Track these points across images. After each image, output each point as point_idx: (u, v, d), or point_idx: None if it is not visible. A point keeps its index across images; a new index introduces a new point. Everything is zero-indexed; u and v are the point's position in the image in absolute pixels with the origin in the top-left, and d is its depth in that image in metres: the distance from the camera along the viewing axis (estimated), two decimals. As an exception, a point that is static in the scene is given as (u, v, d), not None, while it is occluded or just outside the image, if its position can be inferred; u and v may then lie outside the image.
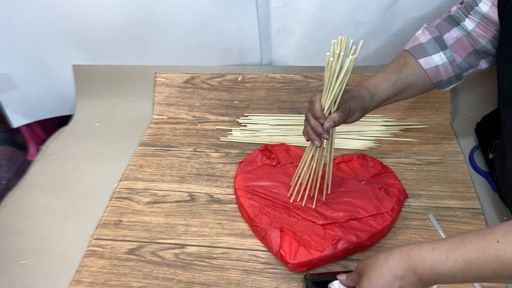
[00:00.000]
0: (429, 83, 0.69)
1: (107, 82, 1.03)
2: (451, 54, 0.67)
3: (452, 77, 0.69)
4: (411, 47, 0.68)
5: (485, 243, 0.42)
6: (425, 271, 0.46)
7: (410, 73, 0.67)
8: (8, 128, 1.06)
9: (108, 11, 0.91)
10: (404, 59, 0.69)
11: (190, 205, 0.78)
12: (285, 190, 0.75)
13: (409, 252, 0.47)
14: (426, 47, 0.67)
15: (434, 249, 0.46)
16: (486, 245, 0.42)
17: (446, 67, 0.67)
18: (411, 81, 0.67)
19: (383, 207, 0.69)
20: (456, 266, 0.44)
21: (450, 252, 0.44)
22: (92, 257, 0.70)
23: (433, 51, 0.67)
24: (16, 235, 0.75)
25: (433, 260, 0.45)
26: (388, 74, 0.67)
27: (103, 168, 0.88)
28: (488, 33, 0.64)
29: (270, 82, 0.98)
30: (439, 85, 0.70)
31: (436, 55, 0.66)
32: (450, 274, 0.44)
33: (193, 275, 0.66)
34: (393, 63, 0.69)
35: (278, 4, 0.87)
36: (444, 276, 0.45)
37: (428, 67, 0.67)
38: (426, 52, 0.67)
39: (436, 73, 0.68)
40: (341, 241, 0.64)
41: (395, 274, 0.47)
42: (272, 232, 0.66)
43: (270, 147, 0.83)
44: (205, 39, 0.95)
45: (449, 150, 0.84)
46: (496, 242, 0.42)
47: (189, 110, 1.00)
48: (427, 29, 0.68)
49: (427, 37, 0.67)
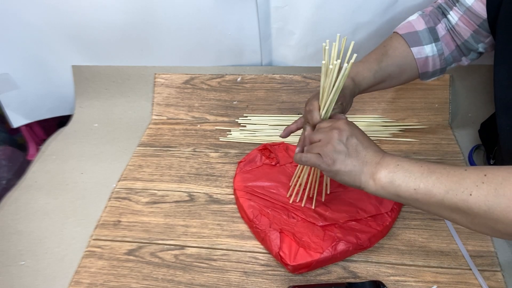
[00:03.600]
0: (415, 72, 0.69)
1: (107, 82, 1.03)
2: (441, 47, 0.67)
3: (437, 70, 0.69)
4: (406, 33, 0.67)
5: (454, 167, 0.47)
6: (391, 160, 0.51)
7: (390, 63, 0.67)
8: (8, 128, 1.06)
9: (108, 12, 0.90)
10: (386, 48, 0.68)
11: (189, 206, 0.77)
12: (284, 190, 0.75)
13: (390, 153, 0.53)
14: (420, 36, 0.66)
15: (406, 157, 0.54)
16: (454, 168, 0.46)
17: (435, 60, 0.67)
18: (391, 71, 0.67)
19: (382, 207, 0.69)
20: (419, 169, 0.48)
21: (422, 162, 0.50)
22: (91, 258, 0.70)
23: (427, 41, 0.66)
24: (15, 236, 0.75)
25: (403, 159, 0.51)
26: (370, 64, 0.67)
27: (102, 169, 0.88)
28: (470, 27, 0.64)
29: (270, 83, 0.98)
30: (424, 76, 0.70)
31: (428, 46, 0.66)
32: (409, 171, 0.49)
33: (193, 276, 0.66)
34: (376, 51, 0.69)
35: (278, 4, 0.87)
36: (403, 169, 0.49)
37: (419, 57, 0.67)
38: (420, 41, 0.66)
39: (424, 64, 0.67)
40: (341, 243, 0.64)
41: (367, 147, 0.53)
42: (272, 234, 0.66)
43: (269, 147, 0.83)
44: (205, 40, 0.95)
45: (448, 150, 0.84)
46: (464, 169, 0.46)
47: (188, 110, 1.00)
48: (423, 17, 0.68)
49: (422, 26, 0.67)
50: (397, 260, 0.65)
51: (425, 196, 0.47)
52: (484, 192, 0.43)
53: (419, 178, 0.48)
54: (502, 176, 0.43)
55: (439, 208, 0.47)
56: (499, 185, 0.42)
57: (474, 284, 0.61)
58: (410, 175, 0.48)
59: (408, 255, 0.66)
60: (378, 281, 0.60)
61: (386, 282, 0.61)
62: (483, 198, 0.43)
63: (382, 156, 0.52)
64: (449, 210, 0.46)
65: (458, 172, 0.46)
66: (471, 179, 0.44)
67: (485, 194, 0.43)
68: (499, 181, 0.42)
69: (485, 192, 0.43)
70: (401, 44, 0.67)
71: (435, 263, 0.64)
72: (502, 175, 0.43)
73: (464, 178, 0.45)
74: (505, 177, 0.42)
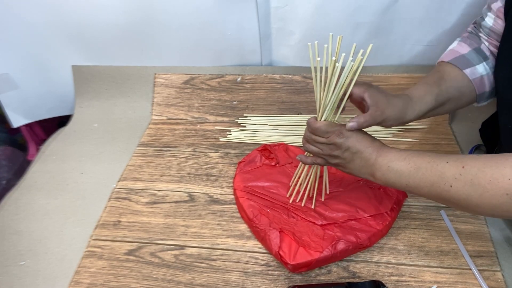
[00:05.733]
0: (473, 95, 0.67)
1: (106, 83, 1.03)
2: (493, 64, 0.65)
3: (494, 88, 0.67)
4: (453, 59, 0.66)
5: (437, 160, 0.52)
6: (382, 162, 0.56)
7: (449, 86, 0.65)
8: (8, 128, 1.06)
9: (108, 11, 0.91)
10: (440, 73, 0.67)
11: (189, 206, 0.77)
12: (284, 190, 0.75)
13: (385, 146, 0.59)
14: (468, 58, 0.66)
15: (400, 151, 0.57)
16: (437, 161, 0.51)
17: (490, 77, 0.66)
18: (451, 95, 0.65)
19: (382, 207, 0.69)
20: (407, 167, 0.54)
21: (409, 156, 0.55)
22: (91, 258, 0.70)
23: (476, 61, 0.65)
24: (15, 236, 0.75)
25: (393, 156, 0.56)
26: (430, 87, 0.65)
27: (102, 169, 0.88)
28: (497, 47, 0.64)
29: (270, 83, 0.98)
30: (481, 97, 0.68)
31: (480, 65, 0.65)
32: (399, 172, 0.55)
33: (192, 276, 0.66)
34: (431, 76, 0.67)
35: (278, 4, 0.87)
36: (393, 171, 0.55)
37: (474, 77, 0.65)
38: (470, 63, 0.65)
39: (481, 84, 0.66)
40: (341, 242, 0.64)
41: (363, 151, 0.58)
42: (272, 233, 0.66)
43: (269, 147, 0.83)
44: (205, 40, 0.95)
45: (448, 150, 0.84)
46: (445, 162, 0.51)
47: (188, 110, 1.00)
48: (464, 41, 0.68)
49: (467, 49, 0.66)
50: (397, 260, 0.65)
51: (415, 190, 0.54)
52: (461, 183, 0.48)
53: (408, 176, 0.54)
54: (478, 166, 0.47)
55: (429, 197, 0.54)
56: (475, 175, 0.47)
57: (474, 284, 0.61)
58: (400, 175, 0.55)
59: (408, 255, 0.66)
60: (378, 281, 0.60)
61: (386, 282, 0.61)
62: (461, 188, 0.48)
63: (375, 157, 0.57)
64: (438, 199, 0.53)
65: (440, 165, 0.51)
66: (451, 172, 0.49)
67: (462, 185, 0.48)
68: (474, 172, 0.47)
69: (462, 183, 0.48)
70: (453, 69, 0.66)
71: (435, 263, 0.64)
72: (477, 166, 0.48)
73: (445, 172, 0.50)
74: (480, 168, 0.47)
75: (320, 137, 0.61)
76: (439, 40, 0.89)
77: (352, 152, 0.59)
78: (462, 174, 0.48)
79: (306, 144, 0.64)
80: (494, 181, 0.45)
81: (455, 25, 0.86)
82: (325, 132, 0.60)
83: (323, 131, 0.60)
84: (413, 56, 0.94)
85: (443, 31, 0.88)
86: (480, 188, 0.46)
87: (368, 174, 0.59)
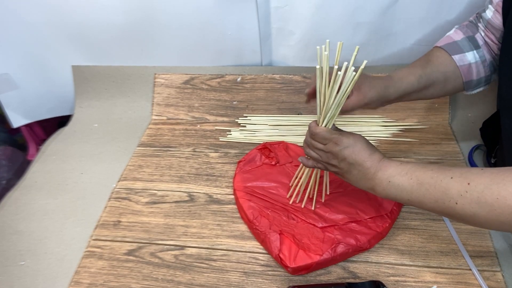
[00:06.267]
0: (459, 82, 0.68)
1: (106, 83, 1.03)
2: (484, 54, 0.67)
3: (481, 78, 0.68)
4: (445, 44, 0.68)
5: (441, 175, 0.49)
6: (382, 177, 0.55)
7: (434, 69, 0.67)
8: (8, 128, 1.06)
9: (108, 11, 0.90)
10: (429, 56, 0.69)
11: (189, 206, 0.77)
12: (284, 191, 0.75)
13: (385, 159, 0.56)
14: (460, 44, 0.67)
15: (401, 164, 0.54)
16: (441, 177, 0.49)
17: (478, 66, 0.67)
18: (435, 78, 0.67)
19: (382, 209, 0.69)
20: (409, 183, 0.52)
21: (411, 170, 0.53)
22: (91, 258, 0.70)
23: (467, 48, 0.67)
24: (15, 236, 0.75)
25: (394, 171, 0.54)
26: (414, 68, 0.67)
27: (102, 169, 0.88)
28: (494, 39, 0.65)
29: (270, 83, 0.98)
30: (469, 85, 0.69)
31: (470, 52, 0.67)
32: (400, 187, 0.53)
33: (193, 277, 0.66)
34: (419, 59, 0.69)
35: (278, 4, 0.87)
36: (394, 186, 0.53)
37: (462, 64, 0.67)
38: (460, 49, 0.67)
39: (468, 72, 0.67)
40: (341, 245, 0.64)
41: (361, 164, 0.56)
42: (272, 236, 0.66)
43: (269, 146, 0.83)
44: (205, 40, 0.95)
45: (448, 150, 0.84)
46: (450, 178, 0.48)
47: (188, 110, 1.00)
48: (460, 29, 0.69)
49: (461, 36, 0.68)
50: (397, 260, 0.65)
51: (418, 205, 0.53)
52: (468, 200, 0.46)
53: (410, 192, 0.52)
54: (484, 183, 0.45)
55: (433, 212, 0.52)
56: (481, 193, 0.45)
57: (474, 284, 0.61)
58: (402, 190, 0.53)
59: (408, 255, 0.66)
60: (378, 281, 0.60)
61: (386, 282, 0.61)
62: (467, 206, 0.46)
63: (374, 172, 0.56)
64: (443, 214, 0.53)
65: (444, 182, 0.49)
66: (455, 188, 0.47)
67: (469, 202, 0.46)
68: (480, 189, 0.45)
69: (468, 201, 0.46)
70: (443, 54, 0.68)
71: (435, 263, 0.64)
72: (484, 183, 0.45)
73: (450, 189, 0.48)
74: (486, 185, 0.45)
75: (319, 143, 0.60)
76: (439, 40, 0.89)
77: (349, 163, 0.57)
78: (468, 191, 0.46)
79: (307, 149, 0.64)
80: (502, 199, 0.44)
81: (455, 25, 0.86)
82: (323, 138, 0.59)
83: (322, 137, 0.60)
84: (413, 56, 0.93)
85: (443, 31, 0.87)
86: (487, 206, 0.45)
87: (367, 187, 0.58)
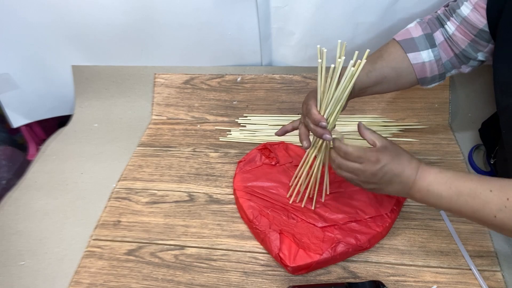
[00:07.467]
0: (413, 78, 0.69)
1: (106, 82, 1.03)
2: (439, 53, 0.67)
3: (436, 76, 0.69)
4: (402, 40, 0.68)
5: (481, 187, 0.50)
6: (422, 184, 0.55)
7: (384, 65, 0.67)
8: (8, 128, 1.06)
9: (108, 11, 0.90)
10: (381, 52, 0.69)
11: (189, 206, 0.77)
12: (284, 190, 0.75)
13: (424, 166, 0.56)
14: (416, 42, 0.67)
15: (440, 172, 0.55)
16: (480, 189, 0.50)
17: (432, 65, 0.68)
18: (386, 73, 0.67)
19: (382, 208, 0.69)
20: (448, 192, 0.53)
21: (450, 180, 0.53)
22: (91, 258, 0.70)
23: (423, 47, 0.67)
24: (15, 236, 0.75)
25: (434, 180, 0.54)
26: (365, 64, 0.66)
27: (102, 169, 0.88)
28: (467, 37, 0.64)
29: (269, 83, 0.98)
30: (423, 81, 0.70)
31: (424, 51, 0.67)
32: (439, 196, 0.54)
33: (193, 276, 0.66)
34: (372, 54, 0.69)
35: (278, 4, 0.87)
36: (433, 195, 0.54)
37: (416, 62, 0.67)
38: (416, 47, 0.67)
39: (422, 70, 0.68)
40: (340, 244, 0.64)
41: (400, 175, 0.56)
42: (272, 235, 0.66)
43: (269, 146, 0.83)
44: (205, 40, 0.95)
45: (448, 150, 0.84)
46: (489, 191, 0.49)
47: (188, 110, 1.00)
48: (420, 24, 0.69)
49: (419, 33, 0.68)
50: (397, 260, 0.65)
51: (456, 213, 0.54)
52: (507, 215, 0.48)
53: (449, 201, 0.53)
54: None
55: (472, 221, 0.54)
56: None
57: (474, 284, 0.61)
58: (441, 199, 0.54)
59: (408, 255, 0.66)
60: (378, 281, 0.60)
61: (386, 282, 0.61)
62: (507, 220, 0.48)
63: (413, 180, 0.56)
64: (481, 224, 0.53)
65: (483, 195, 0.50)
66: (494, 202, 0.49)
67: (508, 217, 0.48)
68: None
69: (508, 215, 0.48)
70: (397, 49, 0.68)
71: (435, 263, 0.64)
72: None
73: (489, 202, 0.49)
74: None
75: (354, 163, 0.58)
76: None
77: (389, 178, 0.57)
78: (507, 206, 0.47)
79: (338, 170, 0.61)
80: None
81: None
82: (358, 157, 0.57)
83: (357, 156, 0.57)
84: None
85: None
86: None
87: (405, 194, 0.58)
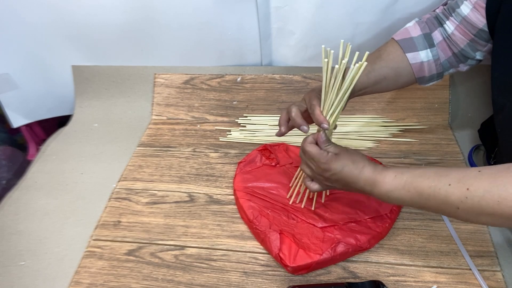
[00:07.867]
0: (411, 77, 0.70)
1: (106, 83, 1.03)
2: (437, 53, 0.67)
3: (434, 75, 0.69)
4: (401, 39, 0.68)
5: (439, 183, 0.50)
6: (381, 191, 0.55)
7: (383, 65, 0.67)
8: (8, 128, 1.06)
9: (108, 11, 0.90)
10: (380, 52, 0.69)
11: (189, 206, 0.77)
12: (284, 191, 0.75)
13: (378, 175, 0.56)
14: (415, 42, 0.67)
15: (396, 177, 0.54)
16: (439, 186, 0.49)
17: (430, 65, 0.68)
18: (386, 74, 0.67)
19: (382, 209, 0.69)
20: (408, 195, 0.53)
21: (408, 183, 0.53)
22: (91, 258, 0.70)
23: (421, 47, 0.67)
24: (15, 236, 0.75)
25: (391, 186, 0.54)
26: None
27: (102, 169, 0.88)
28: (466, 36, 0.65)
29: (269, 83, 0.98)
30: (421, 80, 0.71)
31: (423, 51, 0.67)
32: (400, 199, 0.54)
33: (193, 276, 0.66)
34: (371, 54, 0.69)
35: (278, 4, 0.87)
36: (394, 199, 0.55)
37: (414, 62, 0.68)
38: (415, 47, 0.67)
39: (420, 69, 0.68)
40: (340, 244, 0.64)
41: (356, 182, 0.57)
42: (272, 235, 0.66)
43: (269, 147, 0.83)
44: (205, 40, 0.95)
45: (448, 150, 0.84)
46: (448, 185, 0.49)
47: (188, 110, 1.00)
48: (419, 23, 0.69)
49: (418, 33, 0.68)
50: (397, 260, 0.65)
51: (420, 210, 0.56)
52: (469, 205, 0.47)
53: (411, 203, 0.54)
54: (483, 188, 0.46)
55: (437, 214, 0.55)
56: (482, 197, 0.46)
57: (474, 284, 0.61)
58: (403, 202, 0.55)
59: (408, 255, 0.66)
60: (378, 281, 0.60)
61: (386, 282, 0.61)
62: (469, 209, 0.47)
63: (370, 190, 0.57)
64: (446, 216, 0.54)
65: (443, 190, 0.49)
66: (455, 195, 0.48)
67: (470, 207, 0.47)
68: (481, 193, 0.46)
69: (469, 205, 0.47)
70: (396, 49, 0.68)
71: (435, 263, 0.64)
72: (483, 187, 0.46)
73: (449, 196, 0.49)
74: (486, 189, 0.46)
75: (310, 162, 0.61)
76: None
77: (343, 184, 0.59)
78: (468, 197, 0.47)
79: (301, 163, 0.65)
80: (503, 201, 0.44)
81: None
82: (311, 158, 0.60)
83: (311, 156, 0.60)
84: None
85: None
86: (489, 208, 0.45)
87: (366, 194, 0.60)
